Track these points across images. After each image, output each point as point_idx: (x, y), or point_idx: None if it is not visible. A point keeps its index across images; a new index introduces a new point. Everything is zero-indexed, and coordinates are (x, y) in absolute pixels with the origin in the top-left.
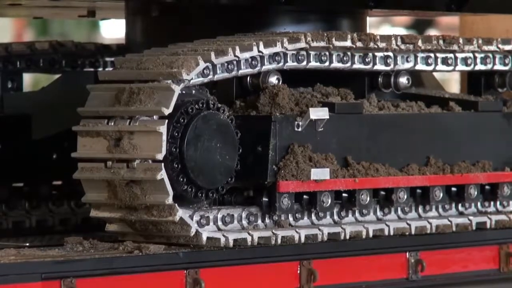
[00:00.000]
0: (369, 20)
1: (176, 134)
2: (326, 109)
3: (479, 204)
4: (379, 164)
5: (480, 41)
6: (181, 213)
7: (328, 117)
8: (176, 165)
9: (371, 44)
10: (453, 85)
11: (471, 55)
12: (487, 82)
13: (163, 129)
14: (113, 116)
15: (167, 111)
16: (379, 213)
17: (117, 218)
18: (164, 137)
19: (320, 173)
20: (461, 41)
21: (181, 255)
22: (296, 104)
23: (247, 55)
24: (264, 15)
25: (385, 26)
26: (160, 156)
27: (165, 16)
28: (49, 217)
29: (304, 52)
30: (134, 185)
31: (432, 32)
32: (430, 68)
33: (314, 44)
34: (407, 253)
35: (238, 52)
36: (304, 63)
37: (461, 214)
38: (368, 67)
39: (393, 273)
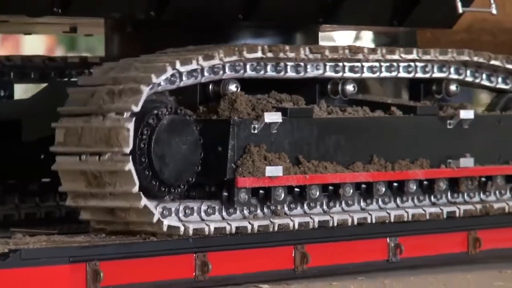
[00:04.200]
0: None
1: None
2: (280, 113)
3: (444, 196)
4: (327, 162)
5: (384, 51)
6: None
7: (281, 121)
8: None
9: (281, 54)
10: None
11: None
12: (426, 89)
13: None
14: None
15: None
16: (362, 204)
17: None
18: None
19: (274, 170)
20: (365, 50)
21: (191, 240)
22: (252, 109)
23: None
24: (227, 29)
25: None
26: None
27: (138, 32)
28: (36, 211)
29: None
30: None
31: None
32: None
33: (227, 59)
34: (388, 238)
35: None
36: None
37: (433, 204)
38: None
39: (375, 256)
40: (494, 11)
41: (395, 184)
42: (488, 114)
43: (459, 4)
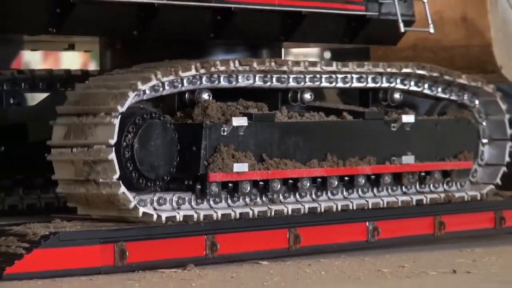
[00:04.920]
0: None
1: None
2: (246, 118)
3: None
4: (287, 160)
5: (306, 63)
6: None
7: (247, 124)
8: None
9: (213, 69)
10: None
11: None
12: (374, 97)
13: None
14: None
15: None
16: (345, 193)
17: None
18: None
19: (240, 167)
20: (289, 63)
21: (202, 224)
22: (222, 114)
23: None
24: (201, 46)
25: None
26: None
27: (126, 48)
28: (37, 202)
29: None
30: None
31: None
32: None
33: (165, 79)
34: (367, 222)
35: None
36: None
37: (404, 193)
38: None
39: (357, 237)
40: (431, 31)
41: (346, 178)
42: (426, 118)
43: (401, 25)
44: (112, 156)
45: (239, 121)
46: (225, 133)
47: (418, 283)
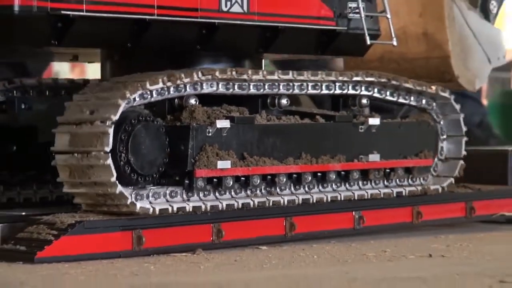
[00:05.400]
0: None
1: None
2: (228, 120)
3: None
4: (266, 158)
5: (265, 72)
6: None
7: (229, 126)
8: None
9: (178, 82)
10: None
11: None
12: (344, 102)
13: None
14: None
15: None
16: (334, 186)
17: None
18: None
19: (224, 164)
20: (249, 72)
21: (209, 214)
22: (208, 117)
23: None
24: (190, 56)
25: None
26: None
27: (123, 59)
28: (49, 195)
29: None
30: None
31: None
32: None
33: (133, 95)
34: (353, 212)
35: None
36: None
37: (386, 186)
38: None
39: (344, 225)
40: (394, 43)
41: (318, 174)
42: (391, 121)
43: (367, 38)
44: (109, 161)
45: (223, 123)
46: (210, 134)
47: (399, 266)
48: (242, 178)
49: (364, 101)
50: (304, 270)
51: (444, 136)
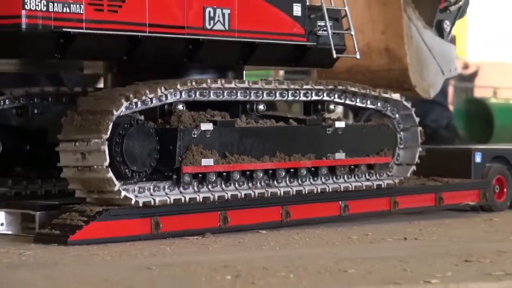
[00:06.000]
0: None
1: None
2: (211, 124)
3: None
4: (245, 156)
5: (223, 81)
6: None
7: (212, 129)
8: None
9: (143, 98)
10: None
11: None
12: (315, 108)
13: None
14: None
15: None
16: (323, 179)
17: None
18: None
19: (207, 161)
20: (209, 81)
21: (217, 203)
22: (193, 121)
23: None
24: (179, 68)
25: None
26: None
27: (121, 71)
28: (52, 188)
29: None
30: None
31: None
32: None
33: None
34: (340, 201)
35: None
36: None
37: (367, 180)
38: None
39: (332, 212)
40: (358, 57)
41: (291, 170)
42: (355, 124)
43: (334, 52)
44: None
45: (206, 126)
46: (195, 136)
47: (379, 247)
48: (224, 174)
49: (332, 106)
50: (298, 250)
51: (401, 127)
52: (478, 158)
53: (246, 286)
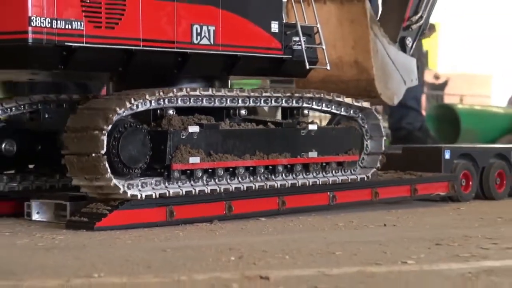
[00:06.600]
0: None
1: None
2: (198, 126)
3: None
4: (228, 154)
5: (188, 89)
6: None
7: (199, 131)
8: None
9: (128, 104)
10: None
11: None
12: (291, 113)
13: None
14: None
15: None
16: (314, 174)
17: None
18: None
19: (194, 159)
20: (175, 90)
21: (223, 194)
22: (182, 124)
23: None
24: (169, 78)
25: None
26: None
27: (119, 80)
28: (56, 184)
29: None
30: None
31: None
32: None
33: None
34: (328, 192)
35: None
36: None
37: (352, 173)
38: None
39: (322, 202)
40: (328, 68)
41: (270, 167)
42: (326, 127)
43: (307, 64)
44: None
45: (194, 129)
46: (183, 137)
47: (362, 232)
48: (210, 170)
49: (306, 111)
50: (293, 235)
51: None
52: (447, 155)
53: (248, 266)
